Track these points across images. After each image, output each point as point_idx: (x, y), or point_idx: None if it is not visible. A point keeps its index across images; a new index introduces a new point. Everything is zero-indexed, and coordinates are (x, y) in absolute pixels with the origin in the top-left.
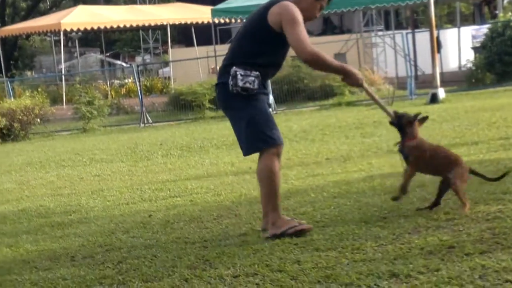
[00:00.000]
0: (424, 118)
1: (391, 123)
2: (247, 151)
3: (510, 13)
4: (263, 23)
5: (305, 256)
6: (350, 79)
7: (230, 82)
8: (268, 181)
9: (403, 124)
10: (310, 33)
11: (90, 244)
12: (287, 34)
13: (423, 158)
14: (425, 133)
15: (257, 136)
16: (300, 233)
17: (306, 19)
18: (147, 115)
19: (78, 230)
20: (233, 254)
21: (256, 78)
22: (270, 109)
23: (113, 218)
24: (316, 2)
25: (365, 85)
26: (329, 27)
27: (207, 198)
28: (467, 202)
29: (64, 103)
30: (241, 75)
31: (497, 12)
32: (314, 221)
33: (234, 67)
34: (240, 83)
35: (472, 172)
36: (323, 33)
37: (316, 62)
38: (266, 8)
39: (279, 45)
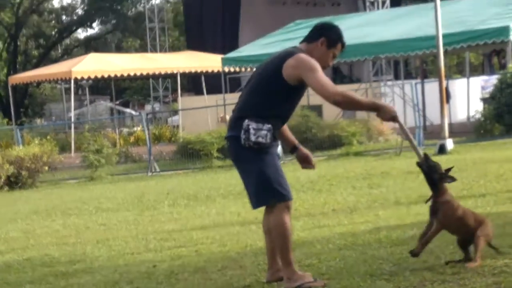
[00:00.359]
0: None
1: (419, 164)
2: (256, 205)
3: None
4: (278, 76)
5: None
6: (383, 113)
7: (243, 136)
8: (281, 237)
9: (435, 177)
10: None
11: None
12: (309, 83)
13: (452, 216)
14: None
15: (267, 191)
16: None
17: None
18: (155, 164)
19: (82, 280)
20: None
21: (268, 132)
22: (279, 159)
23: (118, 268)
24: (328, 51)
25: (399, 119)
26: (339, 76)
27: (212, 248)
28: (479, 260)
29: (73, 151)
30: (253, 129)
31: (504, 61)
32: (320, 273)
33: (246, 120)
34: (253, 138)
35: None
36: (333, 82)
37: (345, 101)
38: (281, 60)
39: (292, 97)
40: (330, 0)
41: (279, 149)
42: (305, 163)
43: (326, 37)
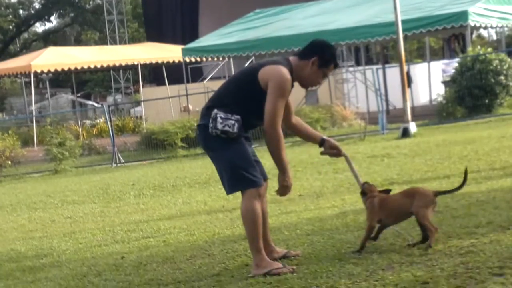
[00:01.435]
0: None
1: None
2: (229, 191)
3: (479, 47)
4: (253, 76)
5: None
6: (282, 179)
7: (210, 125)
8: (250, 223)
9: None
10: None
11: None
12: (267, 99)
13: (374, 211)
14: (397, 168)
15: (237, 178)
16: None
17: (309, 85)
18: (119, 155)
19: (50, 274)
20: None
21: (236, 122)
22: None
23: (85, 261)
24: (319, 70)
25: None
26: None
27: (180, 238)
28: (432, 228)
29: (35, 145)
30: (221, 118)
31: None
32: (288, 260)
33: (215, 110)
34: (220, 126)
35: (439, 193)
36: None
37: (273, 141)
38: (262, 64)
39: (261, 100)
40: None
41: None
42: (334, 153)
43: (319, 56)
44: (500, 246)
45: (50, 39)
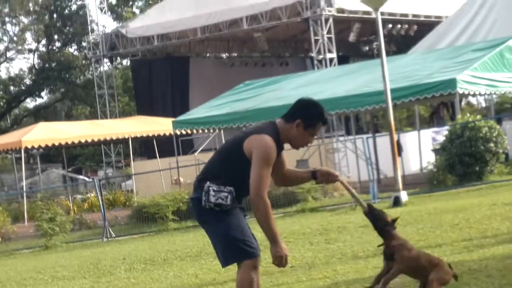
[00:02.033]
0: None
1: (365, 214)
2: (224, 264)
3: (468, 115)
4: (239, 145)
5: None
6: (274, 250)
7: (203, 198)
8: None
9: (380, 224)
10: None
11: None
12: (252, 168)
13: (408, 257)
14: None
15: (232, 250)
16: None
17: (298, 146)
18: (110, 229)
19: None
20: None
21: (229, 194)
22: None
23: None
24: (305, 131)
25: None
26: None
27: None
28: None
29: (26, 221)
30: (213, 190)
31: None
32: None
33: (208, 182)
34: (213, 199)
35: (455, 276)
36: None
37: (261, 211)
38: (247, 133)
39: (248, 169)
40: (279, 60)
41: None
42: (329, 179)
43: (303, 119)
44: None
45: (40, 114)
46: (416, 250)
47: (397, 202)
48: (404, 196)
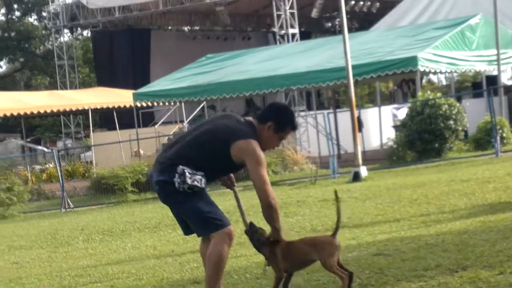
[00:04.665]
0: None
1: (245, 232)
2: (198, 234)
3: (428, 92)
4: (225, 146)
5: None
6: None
7: (178, 180)
8: (216, 267)
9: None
10: None
11: None
12: (252, 174)
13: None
14: (348, 211)
15: (206, 223)
16: None
17: (266, 148)
18: (69, 200)
19: None
20: None
21: (202, 177)
22: None
23: None
24: (275, 135)
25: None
26: (252, 108)
27: (128, 283)
28: (342, 274)
29: None
30: (189, 173)
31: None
32: None
33: (180, 166)
34: (189, 181)
35: (334, 234)
36: (246, 114)
37: (273, 210)
38: (234, 136)
39: (229, 168)
40: (241, 34)
41: None
42: (228, 184)
43: (274, 122)
44: None
45: None
46: (285, 242)
47: (356, 177)
48: (363, 171)
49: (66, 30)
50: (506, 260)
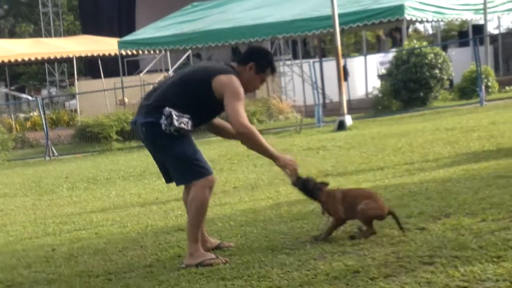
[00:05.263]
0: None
1: (293, 184)
2: (182, 182)
3: (414, 41)
4: (207, 84)
5: (211, 286)
6: (283, 165)
7: (164, 122)
8: (197, 211)
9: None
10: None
11: None
12: (226, 105)
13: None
14: (332, 160)
15: (189, 170)
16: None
17: (248, 90)
18: (53, 148)
19: None
20: (138, 286)
21: (189, 120)
22: None
23: (15, 253)
24: (257, 76)
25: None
26: (238, 57)
27: (113, 230)
28: (370, 229)
29: None
30: (176, 115)
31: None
32: (221, 251)
33: (167, 108)
34: (176, 123)
35: (391, 213)
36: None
37: (248, 136)
38: (216, 71)
39: (213, 106)
40: None
41: None
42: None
43: (255, 62)
44: (430, 235)
45: None
46: (340, 191)
47: (341, 126)
48: (348, 120)
49: None
50: (489, 207)
